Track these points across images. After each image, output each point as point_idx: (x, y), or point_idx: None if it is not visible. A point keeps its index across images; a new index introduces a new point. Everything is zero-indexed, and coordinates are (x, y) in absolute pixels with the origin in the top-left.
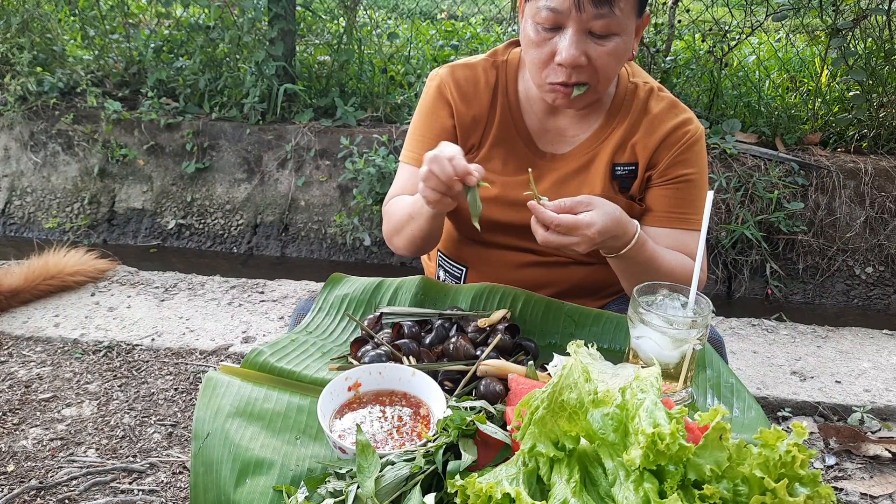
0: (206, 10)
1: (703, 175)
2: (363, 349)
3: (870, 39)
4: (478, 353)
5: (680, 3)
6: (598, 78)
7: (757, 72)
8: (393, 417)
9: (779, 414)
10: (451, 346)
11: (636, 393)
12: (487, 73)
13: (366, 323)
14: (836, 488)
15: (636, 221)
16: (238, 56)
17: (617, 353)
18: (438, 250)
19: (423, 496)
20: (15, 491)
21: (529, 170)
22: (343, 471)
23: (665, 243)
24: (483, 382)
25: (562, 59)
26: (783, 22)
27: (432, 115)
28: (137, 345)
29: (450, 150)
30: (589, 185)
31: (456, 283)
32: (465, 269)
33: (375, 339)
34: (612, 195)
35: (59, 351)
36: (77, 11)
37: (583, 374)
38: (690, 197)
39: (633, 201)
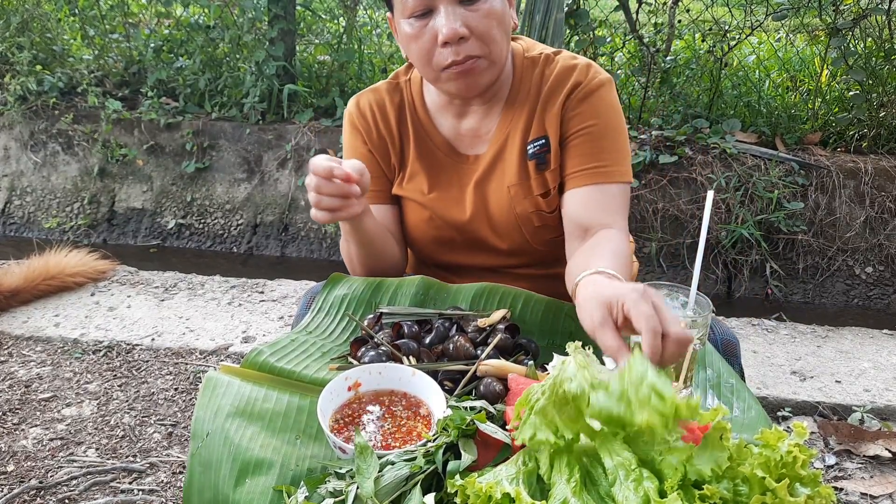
0: (206, 10)
1: (606, 123)
2: (363, 349)
3: (870, 39)
4: (478, 352)
5: (680, 3)
6: (486, 46)
7: (757, 71)
8: (393, 417)
9: (779, 414)
10: (451, 345)
11: (634, 366)
12: (391, 95)
13: (366, 323)
14: (836, 488)
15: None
16: (238, 56)
17: None
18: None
19: (423, 496)
20: (15, 491)
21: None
22: (343, 471)
23: (585, 203)
24: (483, 382)
25: (444, 35)
26: (783, 21)
27: (351, 149)
28: (137, 345)
29: (322, 167)
30: (506, 175)
31: None
32: None
33: (375, 339)
34: (528, 181)
35: (59, 351)
36: (77, 11)
37: (580, 364)
38: (597, 148)
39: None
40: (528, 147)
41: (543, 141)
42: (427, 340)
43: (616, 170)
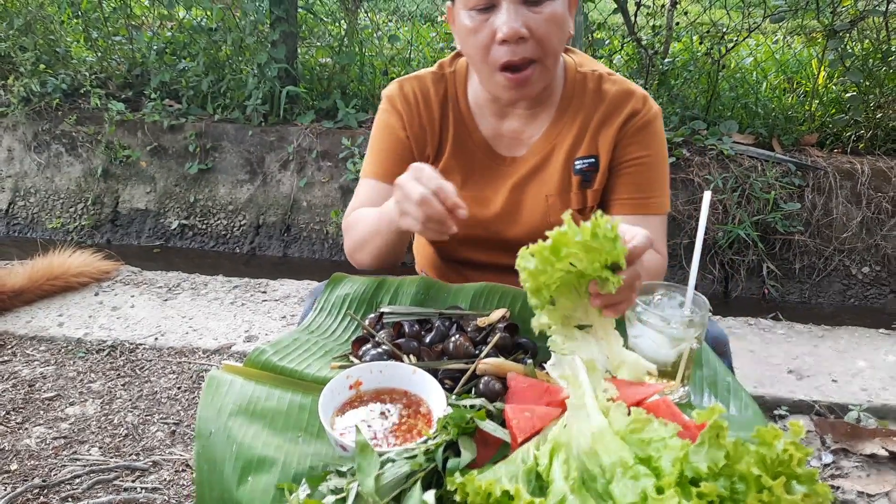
0: (209, 13)
1: (657, 156)
2: (364, 348)
3: (867, 41)
4: (477, 351)
5: (678, 6)
6: (543, 50)
7: (754, 73)
8: (393, 415)
9: (775, 412)
10: (451, 344)
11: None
12: (436, 85)
13: (367, 322)
14: (833, 486)
15: None
16: (240, 58)
17: None
18: (423, 272)
19: (423, 494)
20: (18, 489)
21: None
22: (344, 469)
23: None
24: (483, 381)
25: (503, 34)
26: (780, 23)
27: (386, 128)
28: (141, 344)
29: (434, 184)
30: (547, 184)
31: None
32: None
33: (376, 338)
34: (569, 194)
35: (62, 350)
36: (80, 13)
37: None
38: (647, 180)
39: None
40: (576, 162)
41: (593, 160)
42: (427, 339)
43: (660, 201)
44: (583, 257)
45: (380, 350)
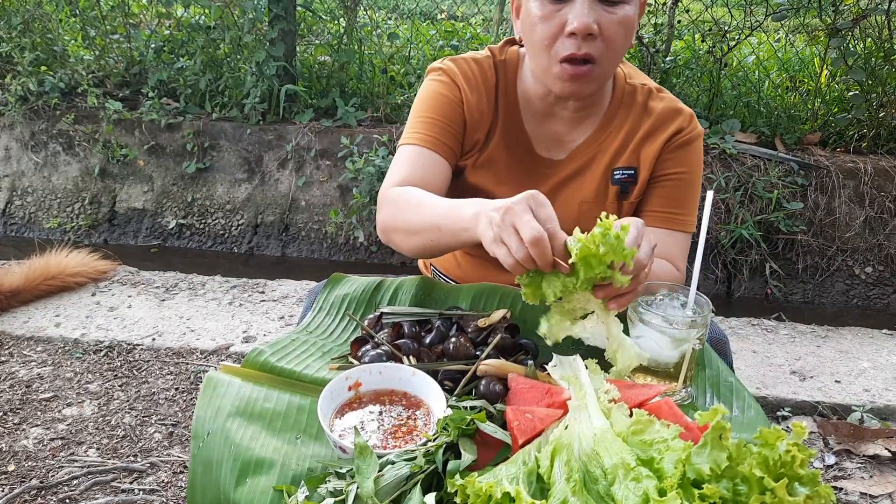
0: (207, 11)
1: (694, 175)
2: (363, 349)
3: (869, 39)
4: (478, 352)
5: (679, 4)
6: (607, 51)
7: (756, 72)
8: (393, 417)
9: (778, 413)
10: (451, 345)
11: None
12: (491, 71)
13: (366, 323)
14: (835, 488)
15: None
16: (239, 56)
17: None
18: (432, 265)
19: (423, 496)
20: (16, 490)
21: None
22: (343, 470)
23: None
24: (483, 382)
25: (574, 27)
26: (783, 22)
27: (441, 97)
28: (138, 344)
29: (552, 226)
30: (583, 191)
31: None
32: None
33: (375, 339)
34: (604, 203)
35: (59, 351)
36: (78, 12)
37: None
38: (680, 196)
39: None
40: (615, 172)
41: (633, 172)
42: (427, 340)
43: (689, 220)
44: (594, 263)
45: (379, 351)
